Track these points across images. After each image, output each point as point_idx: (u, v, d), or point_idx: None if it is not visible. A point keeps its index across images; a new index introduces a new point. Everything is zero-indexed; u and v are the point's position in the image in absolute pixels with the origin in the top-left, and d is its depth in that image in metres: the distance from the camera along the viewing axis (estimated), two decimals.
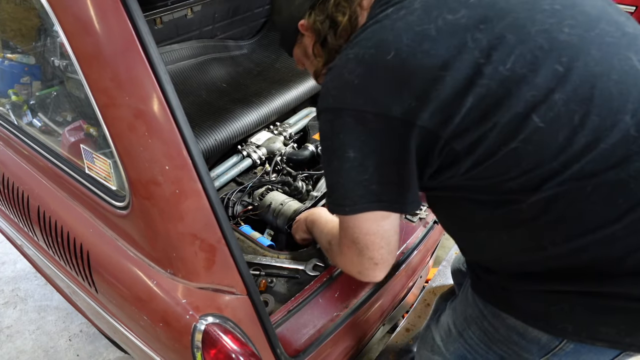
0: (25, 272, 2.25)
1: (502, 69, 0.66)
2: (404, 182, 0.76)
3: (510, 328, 0.85)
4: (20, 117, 1.23)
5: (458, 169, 0.72)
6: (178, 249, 0.83)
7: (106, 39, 0.75)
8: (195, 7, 1.90)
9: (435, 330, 1.09)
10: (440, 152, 0.71)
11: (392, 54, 0.69)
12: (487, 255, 0.86)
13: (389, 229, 0.81)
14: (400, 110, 0.69)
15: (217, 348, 0.82)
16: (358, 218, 0.79)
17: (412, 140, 0.70)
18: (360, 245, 0.82)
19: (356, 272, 0.88)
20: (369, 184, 0.75)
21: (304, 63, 1.01)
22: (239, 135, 1.66)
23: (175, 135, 0.76)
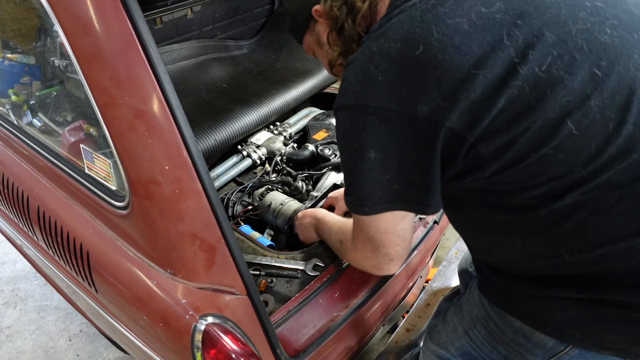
0: (25, 272, 2.25)
1: (537, 70, 0.62)
2: (427, 184, 0.72)
3: (516, 330, 0.85)
4: (20, 117, 1.23)
5: (482, 173, 0.69)
6: (178, 249, 0.83)
7: (106, 39, 0.75)
8: (195, 7, 1.90)
9: (441, 327, 1.09)
10: (465, 155, 0.68)
11: (421, 49, 0.64)
12: (496, 257, 0.85)
13: (405, 228, 0.80)
14: (427, 110, 0.65)
15: (217, 348, 0.82)
16: (376, 217, 0.77)
17: (437, 142, 0.67)
18: (377, 242, 0.81)
19: (370, 266, 0.88)
20: (391, 184, 0.72)
21: (316, 51, 0.96)
22: (238, 135, 1.66)
23: (175, 135, 0.76)
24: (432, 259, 1.62)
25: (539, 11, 0.64)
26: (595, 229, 0.67)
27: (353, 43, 0.82)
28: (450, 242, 2.30)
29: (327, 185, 1.47)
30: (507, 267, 0.83)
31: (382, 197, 0.74)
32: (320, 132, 1.73)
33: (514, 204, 0.71)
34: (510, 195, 0.71)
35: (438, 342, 1.09)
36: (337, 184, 1.46)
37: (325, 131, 1.73)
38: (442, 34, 0.64)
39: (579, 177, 0.64)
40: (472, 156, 0.67)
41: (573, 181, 0.65)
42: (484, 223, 0.81)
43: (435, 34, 0.64)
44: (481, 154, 0.66)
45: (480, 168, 0.68)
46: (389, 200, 0.74)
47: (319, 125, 1.77)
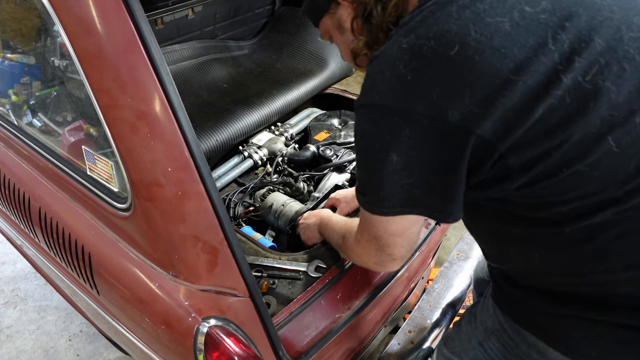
0: (25, 272, 2.24)
1: (581, 80, 0.57)
2: (450, 192, 0.68)
3: (531, 346, 0.82)
4: (20, 118, 1.23)
5: (509, 184, 0.65)
6: (180, 250, 0.82)
7: (108, 40, 0.75)
8: (196, 8, 1.89)
9: (456, 336, 1.07)
10: (493, 164, 0.64)
11: (456, 49, 0.59)
12: (512, 267, 0.83)
13: (414, 232, 0.78)
14: (458, 115, 0.60)
15: (219, 350, 0.82)
16: (389, 219, 0.74)
17: (466, 149, 0.62)
18: (382, 242, 0.79)
19: (372, 263, 0.86)
20: (411, 189, 0.68)
21: (334, 36, 0.88)
22: (240, 136, 1.66)
23: (177, 136, 0.76)
24: (433, 260, 1.62)
25: (589, 13, 0.59)
26: (623, 251, 0.64)
27: (380, 33, 0.75)
28: (451, 243, 2.30)
29: (329, 186, 1.47)
30: (522, 278, 0.81)
31: (401, 201, 0.70)
32: (321, 132, 1.73)
33: (538, 217, 0.68)
34: (535, 209, 0.67)
35: (452, 350, 1.07)
36: (339, 184, 1.45)
37: (327, 132, 1.73)
38: (480, 33, 0.59)
39: (612, 196, 0.61)
40: (500, 166, 0.63)
41: (605, 200, 0.61)
42: (503, 233, 0.78)
43: (472, 33, 0.59)
44: (510, 164, 0.62)
45: (507, 179, 0.65)
46: (408, 204, 0.70)
47: (320, 125, 1.77)
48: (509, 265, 0.83)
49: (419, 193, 0.68)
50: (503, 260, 0.85)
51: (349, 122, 1.77)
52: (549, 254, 0.71)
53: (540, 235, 0.71)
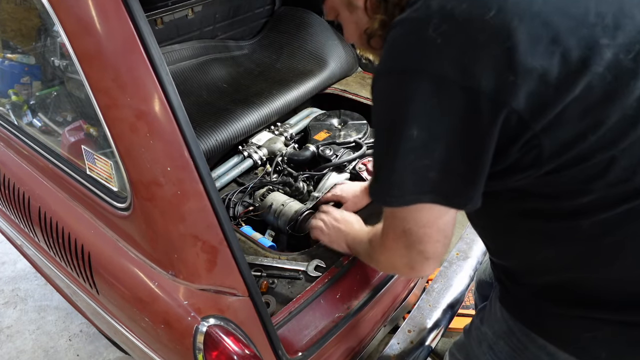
0: (25, 272, 2.24)
1: (623, 58, 0.54)
2: (472, 175, 0.62)
3: (540, 348, 0.81)
4: (20, 117, 1.23)
5: (536, 170, 0.60)
6: (180, 250, 0.82)
7: (108, 40, 0.75)
8: (196, 8, 1.89)
9: (467, 341, 1.05)
10: (523, 146, 0.59)
11: (493, 13, 0.54)
12: (518, 262, 0.79)
13: (449, 222, 0.69)
14: (491, 85, 0.55)
15: (219, 350, 0.82)
16: (416, 208, 0.66)
17: (496, 125, 0.57)
18: (413, 238, 0.69)
19: (402, 265, 0.76)
20: (427, 171, 0.61)
21: (341, 15, 0.81)
22: (240, 135, 1.66)
23: (177, 136, 0.76)
24: None
25: None
26: None
27: (397, 9, 0.68)
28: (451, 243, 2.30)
29: (328, 186, 1.47)
30: (526, 275, 0.79)
31: (414, 185, 0.63)
32: (321, 132, 1.73)
33: (556, 210, 0.65)
34: (555, 200, 0.64)
35: (466, 355, 1.05)
36: (338, 184, 1.45)
37: (326, 132, 1.73)
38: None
39: (637, 187, 0.58)
40: (530, 149, 0.59)
41: (629, 191, 0.59)
42: (511, 227, 0.74)
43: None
44: (542, 147, 0.58)
45: (535, 164, 0.60)
46: (420, 190, 0.63)
47: (320, 125, 1.77)
48: (511, 260, 0.81)
49: (436, 176, 0.62)
50: (506, 255, 0.81)
51: (349, 122, 1.77)
52: (560, 249, 0.68)
53: (553, 229, 0.67)
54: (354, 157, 1.57)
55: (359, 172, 1.51)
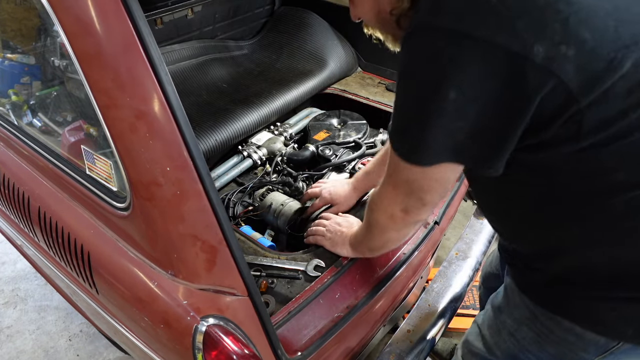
0: (25, 272, 2.24)
1: None
2: (502, 144, 0.61)
3: (566, 330, 0.81)
4: (20, 117, 1.23)
5: (572, 146, 0.59)
6: (179, 250, 0.83)
7: (107, 40, 0.75)
8: (195, 8, 1.90)
9: (484, 331, 1.04)
10: (566, 121, 0.58)
11: None
12: (540, 245, 0.78)
13: (452, 179, 0.71)
14: (543, 53, 0.53)
15: (218, 349, 0.82)
16: (425, 168, 0.68)
17: (539, 95, 0.55)
18: (415, 186, 0.72)
19: (399, 210, 0.78)
20: (458, 134, 0.61)
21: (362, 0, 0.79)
22: (239, 135, 1.66)
23: (176, 136, 0.76)
24: (432, 259, 1.62)
25: None
26: None
27: None
28: (450, 242, 2.30)
29: None
30: (549, 259, 0.78)
31: (443, 147, 0.63)
32: (320, 132, 1.73)
33: (586, 188, 0.65)
34: (586, 178, 0.63)
35: (484, 345, 1.04)
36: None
37: (326, 132, 1.73)
38: None
39: None
40: (572, 124, 0.58)
41: None
42: (539, 205, 0.72)
43: None
44: (584, 123, 0.57)
45: (573, 140, 0.59)
46: (451, 152, 0.63)
47: (320, 125, 1.77)
48: (530, 243, 0.80)
49: (466, 140, 0.61)
50: (525, 237, 0.80)
51: (348, 122, 1.77)
52: (586, 228, 0.69)
53: (581, 208, 0.67)
54: (353, 157, 1.57)
55: None
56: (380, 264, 1.20)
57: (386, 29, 0.82)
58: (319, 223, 1.24)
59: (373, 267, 1.19)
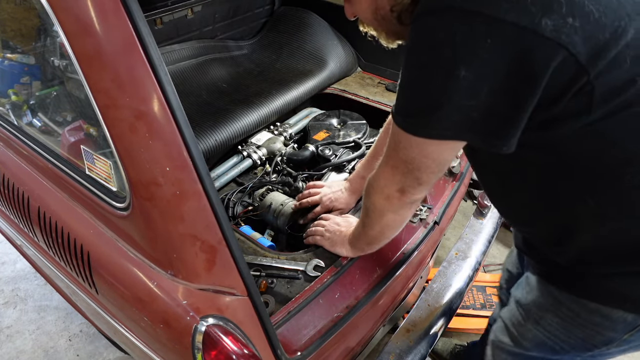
0: (25, 272, 2.24)
1: None
2: (515, 117, 0.62)
3: (592, 311, 0.82)
4: (20, 117, 1.23)
5: (582, 119, 0.61)
6: (179, 250, 0.83)
7: (107, 40, 0.75)
8: (195, 8, 1.90)
9: (508, 323, 1.04)
10: (576, 93, 0.59)
11: None
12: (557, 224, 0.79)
13: (449, 158, 0.73)
14: (551, 26, 0.55)
15: (217, 349, 0.82)
16: (428, 142, 0.69)
17: (549, 69, 0.57)
18: (413, 165, 0.74)
19: (395, 190, 0.80)
20: (470, 111, 0.62)
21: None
22: (239, 135, 1.66)
23: (176, 136, 0.76)
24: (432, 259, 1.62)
25: None
26: None
27: None
28: (450, 242, 2.30)
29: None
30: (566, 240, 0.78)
31: (455, 124, 0.64)
32: (320, 132, 1.73)
33: (598, 162, 0.66)
34: (597, 150, 0.65)
35: (510, 337, 1.04)
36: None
37: (326, 131, 1.73)
38: None
39: None
40: (582, 95, 0.59)
41: None
42: (549, 183, 0.73)
43: None
44: (594, 93, 0.58)
45: (584, 112, 0.60)
46: (463, 129, 0.64)
47: (319, 125, 1.77)
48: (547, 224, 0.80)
49: (478, 116, 0.62)
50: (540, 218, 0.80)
51: (348, 121, 1.77)
52: (602, 202, 0.70)
53: (593, 182, 0.69)
54: (353, 157, 1.57)
55: None
56: (380, 263, 1.20)
57: (383, 26, 0.83)
58: (318, 223, 1.24)
59: (373, 267, 1.19)
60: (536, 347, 0.97)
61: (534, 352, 0.99)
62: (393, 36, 0.85)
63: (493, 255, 2.36)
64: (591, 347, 0.88)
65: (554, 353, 0.95)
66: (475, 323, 1.93)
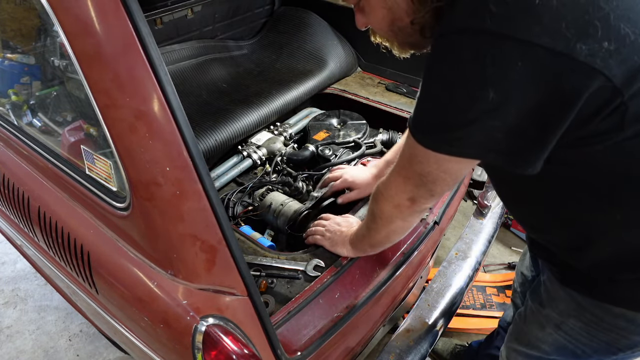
0: (25, 272, 2.24)
1: None
2: (542, 142, 0.62)
3: (617, 316, 0.82)
4: (20, 117, 1.23)
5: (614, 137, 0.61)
6: (179, 250, 0.83)
7: (107, 40, 0.75)
8: (195, 8, 1.90)
9: (527, 328, 1.03)
10: (610, 113, 0.59)
11: None
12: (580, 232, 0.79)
13: (465, 172, 0.74)
14: (587, 51, 0.54)
15: (217, 349, 0.82)
16: (447, 159, 0.68)
17: (584, 95, 0.56)
18: (428, 179, 0.73)
19: (405, 199, 0.80)
20: (495, 132, 0.61)
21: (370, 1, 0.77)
22: (239, 135, 1.66)
23: (175, 136, 0.76)
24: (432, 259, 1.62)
25: None
26: None
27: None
28: (450, 242, 2.30)
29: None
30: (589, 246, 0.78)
31: (478, 144, 0.63)
32: (320, 132, 1.73)
33: (626, 175, 0.66)
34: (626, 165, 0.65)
35: (527, 343, 1.04)
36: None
37: (326, 131, 1.73)
38: None
39: None
40: (615, 115, 0.59)
41: None
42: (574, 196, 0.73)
43: None
44: (627, 113, 0.58)
45: (616, 131, 0.61)
46: (486, 148, 0.63)
47: (319, 125, 1.77)
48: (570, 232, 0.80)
49: (502, 137, 0.62)
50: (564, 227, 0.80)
51: (348, 121, 1.77)
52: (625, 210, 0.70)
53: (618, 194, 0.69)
54: (353, 157, 1.57)
55: None
56: (380, 263, 1.20)
57: (399, 37, 0.81)
58: (319, 223, 1.24)
59: (373, 267, 1.19)
60: (556, 351, 0.97)
61: (554, 355, 0.99)
62: (408, 47, 0.83)
63: (493, 255, 2.36)
64: (616, 351, 0.88)
65: (575, 357, 0.94)
66: (475, 323, 1.93)
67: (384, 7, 0.76)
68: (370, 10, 0.80)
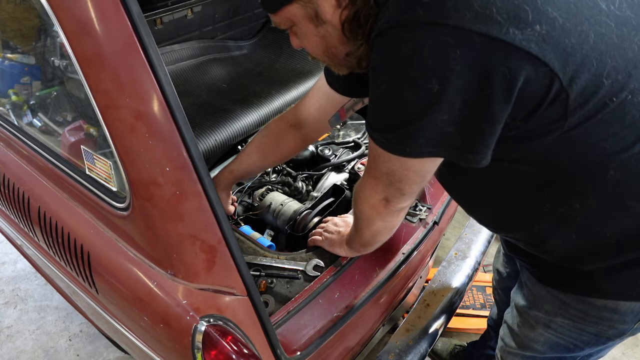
0: (25, 272, 2.24)
1: (625, 7, 0.59)
2: (491, 130, 0.62)
3: (600, 308, 0.83)
4: (20, 117, 1.23)
5: (561, 123, 0.61)
6: (178, 250, 0.83)
7: (106, 40, 0.75)
8: (195, 8, 1.90)
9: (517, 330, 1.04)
10: (552, 101, 0.59)
11: None
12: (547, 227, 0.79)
13: (431, 170, 0.73)
14: (520, 34, 0.54)
15: (217, 349, 0.82)
16: (408, 159, 0.69)
17: (521, 77, 0.56)
18: (394, 177, 0.74)
19: (379, 200, 0.80)
20: (446, 126, 0.61)
21: (302, 29, 0.77)
22: (239, 135, 1.66)
23: (175, 136, 0.76)
24: (432, 259, 1.62)
25: None
26: None
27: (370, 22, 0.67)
28: (450, 242, 2.30)
29: (327, 186, 1.47)
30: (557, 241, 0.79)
31: (430, 140, 0.63)
32: None
33: (581, 165, 0.67)
34: (579, 154, 0.66)
35: (521, 344, 1.05)
36: (337, 184, 1.46)
37: None
38: None
39: None
40: (558, 105, 0.60)
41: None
42: (534, 191, 0.74)
43: None
44: (569, 99, 0.59)
45: (561, 120, 0.61)
46: (438, 144, 0.64)
47: None
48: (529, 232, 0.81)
49: (453, 131, 0.62)
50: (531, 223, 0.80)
51: (348, 121, 1.77)
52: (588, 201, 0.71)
53: (578, 185, 0.70)
54: (352, 157, 1.57)
55: (357, 172, 1.51)
56: (380, 263, 1.20)
57: (334, 61, 0.82)
58: (319, 225, 1.25)
59: (372, 267, 1.19)
60: (550, 349, 0.98)
61: (549, 353, 1.00)
62: (346, 69, 0.84)
63: (492, 255, 2.35)
64: (605, 341, 0.90)
65: (568, 351, 0.96)
66: (474, 323, 1.93)
67: (316, 35, 0.76)
68: (304, 37, 0.80)
